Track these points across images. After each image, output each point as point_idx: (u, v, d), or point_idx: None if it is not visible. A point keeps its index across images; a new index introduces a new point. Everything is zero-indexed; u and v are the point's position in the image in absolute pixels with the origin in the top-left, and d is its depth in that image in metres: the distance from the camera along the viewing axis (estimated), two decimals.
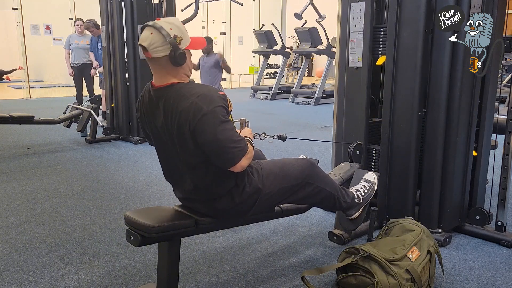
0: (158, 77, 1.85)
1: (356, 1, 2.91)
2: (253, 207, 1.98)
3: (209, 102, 1.75)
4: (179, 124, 1.78)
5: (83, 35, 7.14)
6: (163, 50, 1.77)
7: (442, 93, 2.61)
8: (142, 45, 1.79)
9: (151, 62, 1.84)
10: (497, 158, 2.85)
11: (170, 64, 1.80)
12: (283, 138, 2.53)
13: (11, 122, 5.11)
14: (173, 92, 1.81)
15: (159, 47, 1.77)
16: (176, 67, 1.82)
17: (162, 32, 1.76)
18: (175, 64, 1.80)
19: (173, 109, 1.79)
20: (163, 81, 1.84)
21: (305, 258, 2.58)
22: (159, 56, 1.79)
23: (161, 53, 1.78)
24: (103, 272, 2.42)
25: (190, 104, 1.75)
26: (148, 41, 1.77)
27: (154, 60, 1.81)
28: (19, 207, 3.42)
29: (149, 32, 1.78)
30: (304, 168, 2.11)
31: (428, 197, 2.74)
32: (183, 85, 1.83)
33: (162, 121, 1.85)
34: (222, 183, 1.88)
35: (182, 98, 1.78)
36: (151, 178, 4.20)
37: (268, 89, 11.01)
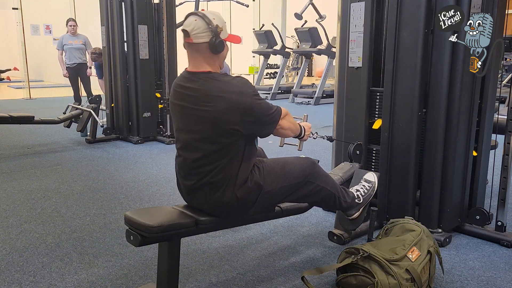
0: (195, 64, 1.94)
1: (356, 1, 2.91)
2: (254, 204, 1.99)
3: (247, 86, 1.91)
4: (218, 106, 1.84)
5: (76, 36, 7.13)
6: (205, 36, 1.87)
7: (442, 93, 2.61)
8: (185, 30, 1.88)
9: (191, 47, 1.92)
10: (497, 158, 2.85)
11: (209, 51, 1.89)
12: (331, 140, 2.82)
13: (11, 122, 5.11)
14: (212, 77, 1.90)
15: (201, 33, 1.87)
16: (213, 55, 1.91)
17: (205, 19, 1.86)
18: (214, 51, 1.89)
19: (215, 93, 1.86)
20: (199, 68, 1.92)
21: (305, 258, 2.58)
22: (200, 41, 1.88)
23: (202, 39, 1.87)
24: (103, 272, 2.42)
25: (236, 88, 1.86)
26: (191, 26, 1.87)
27: (194, 45, 1.90)
28: (19, 207, 3.42)
29: (194, 19, 1.88)
30: (305, 167, 2.13)
31: (428, 197, 2.74)
32: (219, 74, 1.93)
33: (199, 103, 1.89)
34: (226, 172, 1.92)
35: (223, 84, 1.88)
36: (151, 178, 4.20)
37: (268, 89, 11.01)
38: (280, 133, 2.10)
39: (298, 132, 2.24)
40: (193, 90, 1.91)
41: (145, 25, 5.69)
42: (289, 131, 2.15)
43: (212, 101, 1.86)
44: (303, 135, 2.30)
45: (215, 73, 1.92)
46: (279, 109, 2.03)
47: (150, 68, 5.85)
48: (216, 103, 1.85)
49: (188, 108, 1.93)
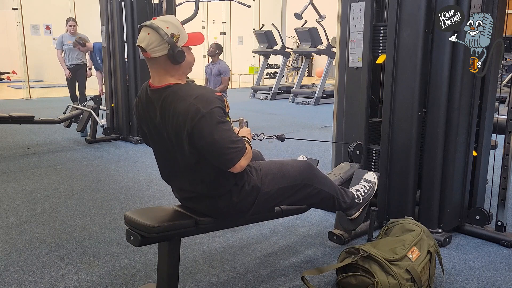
0: (157, 77, 1.85)
1: (356, 1, 2.91)
2: (252, 206, 1.98)
3: (206, 103, 1.74)
4: (177, 126, 1.79)
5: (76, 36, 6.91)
6: (161, 49, 1.78)
7: (442, 93, 2.61)
8: (140, 46, 1.80)
9: (150, 62, 1.84)
10: (497, 158, 2.85)
11: (170, 63, 1.81)
12: (282, 139, 2.50)
13: (11, 122, 5.11)
14: (170, 94, 1.80)
15: (157, 46, 1.78)
16: (175, 66, 1.82)
17: (159, 31, 1.76)
18: (174, 62, 1.80)
19: (170, 111, 1.79)
20: (161, 82, 1.84)
21: (305, 258, 2.58)
22: (158, 55, 1.79)
23: (159, 52, 1.78)
24: (103, 272, 2.42)
25: (187, 105, 1.75)
26: (146, 41, 1.78)
27: (153, 60, 1.81)
28: (19, 207, 3.42)
29: (146, 33, 1.78)
30: (302, 170, 2.12)
31: (428, 197, 2.74)
32: (180, 86, 1.82)
33: (159, 122, 1.85)
34: (221, 183, 1.89)
35: (179, 100, 1.78)
36: (151, 178, 4.20)
37: (268, 89, 11.01)
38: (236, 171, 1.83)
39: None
40: (155, 109, 1.84)
41: None
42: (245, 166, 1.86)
43: (170, 120, 1.80)
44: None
45: (175, 87, 1.81)
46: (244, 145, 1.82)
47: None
48: (173, 122, 1.79)
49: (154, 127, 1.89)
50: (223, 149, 1.75)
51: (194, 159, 1.84)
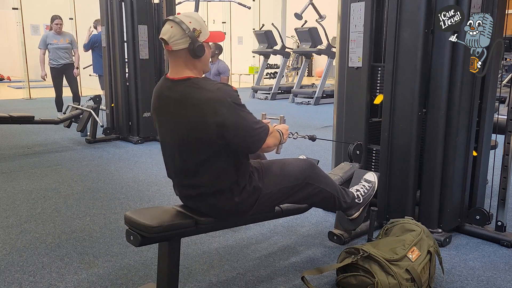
0: (175, 70, 1.90)
1: (356, 1, 2.91)
2: (253, 207, 1.99)
3: (229, 92, 1.83)
4: (198, 115, 1.81)
5: (62, 35, 6.72)
6: (183, 43, 1.84)
7: (442, 93, 2.61)
8: (163, 39, 1.85)
9: (171, 54, 1.89)
10: (497, 158, 2.85)
11: (190, 56, 1.87)
12: (313, 139, 2.64)
13: (11, 122, 5.11)
14: (191, 84, 1.86)
15: (179, 39, 1.83)
16: (194, 60, 1.88)
17: (182, 25, 1.82)
18: (194, 56, 1.86)
19: (193, 101, 1.82)
20: (179, 74, 1.89)
21: (305, 258, 2.58)
22: (179, 48, 1.85)
23: (180, 45, 1.84)
24: (103, 272, 2.42)
25: (212, 95, 1.80)
26: (168, 34, 1.84)
27: (174, 52, 1.87)
28: (19, 207, 3.42)
29: (170, 26, 1.85)
30: (304, 169, 2.12)
31: (428, 197, 2.74)
32: (199, 79, 1.88)
33: (177, 113, 1.88)
34: (224, 179, 1.90)
35: (201, 91, 1.83)
36: (151, 178, 4.20)
37: (268, 89, 11.01)
38: (264, 151, 2.01)
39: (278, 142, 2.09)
40: (173, 100, 1.87)
41: (145, 25, 5.69)
42: (273, 146, 2.02)
43: (191, 111, 1.82)
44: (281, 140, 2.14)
45: (194, 79, 1.87)
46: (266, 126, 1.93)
47: (150, 68, 5.85)
48: (194, 113, 1.82)
49: (170, 119, 1.91)
50: (251, 130, 1.86)
51: (206, 152, 1.86)
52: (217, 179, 1.90)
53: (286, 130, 2.19)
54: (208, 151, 1.86)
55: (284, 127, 2.19)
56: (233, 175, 1.90)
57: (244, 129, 1.84)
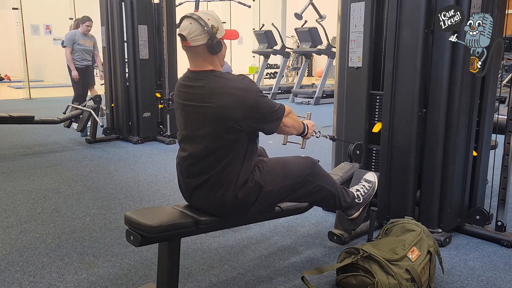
0: (196, 64, 1.96)
1: (356, 1, 2.91)
2: (255, 204, 1.99)
3: (251, 83, 1.95)
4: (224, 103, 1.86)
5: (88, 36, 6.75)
6: (201, 38, 1.89)
7: (442, 93, 2.61)
8: (181, 34, 1.89)
9: (190, 50, 1.94)
10: (497, 158, 2.85)
11: (207, 52, 1.92)
12: (334, 139, 2.81)
13: (11, 122, 5.11)
14: (216, 75, 1.93)
15: (198, 36, 1.88)
16: (212, 55, 1.94)
17: (200, 22, 1.88)
18: (212, 52, 1.92)
19: (220, 90, 1.88)
20: (201, 67, 1.95)
21: (305, 258, 2.58)
22: (198, 44, 1.90)
23: (199, 41, 1.89)
24: (103, 272, 2.42)
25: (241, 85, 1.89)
26: (187, 30, 1.88)
27: (192, 48, 1.92)
28: (19, 207, 3.42)
29: (188, 22, 1.89)
30: (305, 166, 2.13)
31: (428, 197, 2.74)
32: (221, 72, 1.96)
33: (203, 100, 1.91)
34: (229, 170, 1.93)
35: (227, 81, 1.91)
36: (151, 178, 4.20)
37: (268, 89, 11.00)
38: (284, 131, 2.12)
39: (301, 130, 2.25)
40: (198, 88, 1.93)
41: (145, 25, 5.69)
42: (292, 128, 2.16)
43: (216, 97, 1.88)
44: (306, 133, 2.30)
45: (218, 71, 1.95)
46: (282, 106, 2.04)
47: (150, 68, 5.85)
48: (220, 99, 1.87)
49: (193, 106, 1.95)
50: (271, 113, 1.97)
51: (223, 140, 1.91)
52: (223, 169, 1.93)
53: (312, 126, 2.32)
54: (227, 138, 1.91)
55: (310, 123, 2.32)
56: (237, 168, 1.94)
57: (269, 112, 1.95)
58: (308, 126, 2.29)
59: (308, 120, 2.40)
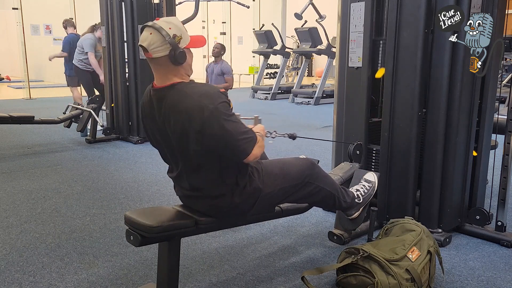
0: (159, 78, 1.86)
1: (356, 1, 2.91)
2: (253, 207, 1.99)
3: (212, 99, 1.76)
4: (182, 124, 1.79)
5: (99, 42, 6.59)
6: (163, 50, 1.78)
7: (442, 93, 2.61)
8: (142, 46, 1.80)
9: (152, 62, 1.84)
10: (497, 158, 2.85)
11: (171, 63, 1.81)
12: (293, 137, 2.52)
13: (11, 122, 5.11)
14: (174, 92, 1.81)
15: (159, 47, 1.78)
16: (176, 67, 1.83)
17: (161, 32, 1.77)
18: (175, 63, 1.81)
19: (176, 109, 1.79)
20: (164, 81, 1.85)
21: (305, 258, 2.58)
22: (159, 56, 1.79)
23: (161, 53, 1.79)
24: (103, 272, 2.42)
25: (193, 103, 1.76)
26: (147, 41, 1.78)
27: (154, 60, 1.82)
28: (19, 207, 3.42)
29: (149, 33, 1.79)
30: (304, 168, 2.12)
31: (428, 197, 2.74)
32: (184, 85, 1.83)
33: (162, 122, 1.86)
34: (223, 182, 1.89)
35: (184, 97, 1.79)
36: (151, 178, 4.20)
37: (268, 89, 11.01)
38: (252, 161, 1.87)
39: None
40: (162, 109, 1.84)
41: None
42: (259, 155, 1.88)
43: (174, 120, 1.80)
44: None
45: (179, 85, 1.82)
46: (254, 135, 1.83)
47: (150, 68, 5.83)
48: (177, 122, 1.79)
49: (160, 127, 1.89)
50: (234, 141, 1.77)
51: (197, 159, 1.84)
52: (217, 180, 1.89)
53: (263, 130, 2.10)
54: (200, 158, 1.84)
55: (260, 128, 2.10)
56: (233, 176, 1.90)
57: (225, 138, 1.76)
58: (261, 134, 1.99)
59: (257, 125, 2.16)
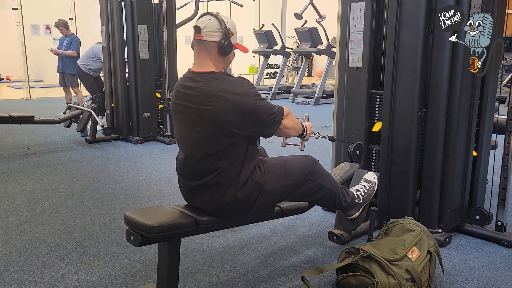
0: (199, 63, 1.95)
1: (356, 1, 2.91)
2: (255, 204, 1.99)
3: (250, 86, 1.93)
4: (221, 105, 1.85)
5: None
6: (216, 36, 1.91)
7: (442, 93, 2.61)
8: (197, 26, 1.91)
9: (199, 45, 1.94)
10: (497, 158, 2.85)
11: (217, 51, 1.92)
12: (333, 140, 2.84)
13: (11, 122, 5.11)
14: (215, 77, 1.91)
15: (213, 32, 1.91)
16: (220, 57, 1.94)
17: (219, 19, 1.92)
18: (222, 52, 1.93)
19: (217, 92, 1.87)
20: (203, 67, 1.94)
21: (305, 258, 2.58)
22: (210, 40, 1.91)
23: (212, 38, 1.91)
24: (103, 272, 2.42)
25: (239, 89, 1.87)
26: (204, 23, 1.91)
27: (203, 43, 1.92)
28: (19, 207, 3.42)
29: (208, 18, 1.93)
30: (306, 165, 2.13)
31: (428, 197, 2.74)
32: (222, 74, 1.94)
33: (198, 102, 1.90)
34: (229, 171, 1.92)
35: (224, 83, 1.88)
36: (151, 178, 4.20)
37: (268, 89, 11.01)
38: (283, 133, 2.11)
39: (300, 131, 2.25)
40: (196, 90, 1.92)
41: (145, 25, 5.69)
42: (292, 130, 2.15)
43: (213, 101, 1.86)
44: (305, 135, 2.31)
45: (218, 73, 1.93)
46: (281, 108, 2.03)
47: (150, 68, 5.85)
48: (217, 103, 1.86)
49: (190, 107, 1.94)
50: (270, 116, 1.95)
51: (221, 144, 1.90)
52: (222, 171, 1.92)
53: (311, 127, 2.32)
54: (224, 142, 1.90)
55: (308, 124, 2.32)
56: (237, 170, 1.93)
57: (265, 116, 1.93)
58: (307, 128, 2.29)
59: (306, 121, 2.39)
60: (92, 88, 6.60)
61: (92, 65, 6.52)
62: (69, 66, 7.13)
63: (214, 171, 1.93)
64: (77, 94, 7.30)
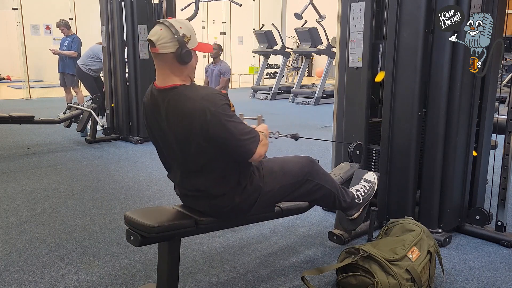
0: (162, 76, 1.86)
1: (356, 1, 2.91)
2: (254, 206, 1.99)
3: (214, 101, 1.77)
4: (184, 127, 1.79)
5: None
6: (171, 46, 1.80)
7: (442, 93, 2.61)
8: (150, 40, 1.81)
9: (157, 58, 1.84)
10: (497, 158, 2.85)
11: (176, 61, 1.82)
12: (296, 138, 2.52)
13: (11, 122, 5.11)
14: (176, 94, 1.81)
15: (167, 43, 1.79)
16: (180, 66, 1.83)
17: (171, 29, 1.79)
18: (181, 61, 1.81)
19: (178, 112, 1.80)
20: (166, 82, 1.85)
21: (305, 258, 2.58)
22: (166, 52, 1.80)
23: (168, 49, 1.80)
24: (103, 272, 2.42)
25: (196, 106, 1.76)
26: (156, 36, 1.80)
27: (160, 56, 1.82)
28: (19, 207, 3.42)
29: (159, 28, 1.81)
30: (304, 165, 2.12)
31: (428, 197, 2.74)
32: (185, 87, 1.83)
33: (165, 123, 1.86)
34: (226, 182, 1.90)
35: (186, 100, 1.79)
36: (151, 178, 4.20)
37: (268, 89, 11.01)
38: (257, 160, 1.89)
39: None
40: (161, 110, 1.85)
41: (145, 25, 5.69)
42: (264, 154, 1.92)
43: (177, 122, 1.81)
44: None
45: (181, 87, 1.83)
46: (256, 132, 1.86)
47: (150, 68, 5.84)
48: (180, 124, 1.80)
49: (160, 128, 1.89)
50: (238, 141, 1.79)
51: (200, 161, 1.84)
52: (219, 181, 1.89)
53: (266, 130, 2.09)
54: (201, 160, 1.85)
55: (263, 127, 2.09)
56: (235, 176, 1.90)
57: (229, 139, 1.78)
58: (264, 133, 1.99)
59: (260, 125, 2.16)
60: (92, 88, 6.62)
61: (92, 65, 6.53)
62: (69, 66, 7.14)
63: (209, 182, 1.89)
64: (78, 94, 7.32)
